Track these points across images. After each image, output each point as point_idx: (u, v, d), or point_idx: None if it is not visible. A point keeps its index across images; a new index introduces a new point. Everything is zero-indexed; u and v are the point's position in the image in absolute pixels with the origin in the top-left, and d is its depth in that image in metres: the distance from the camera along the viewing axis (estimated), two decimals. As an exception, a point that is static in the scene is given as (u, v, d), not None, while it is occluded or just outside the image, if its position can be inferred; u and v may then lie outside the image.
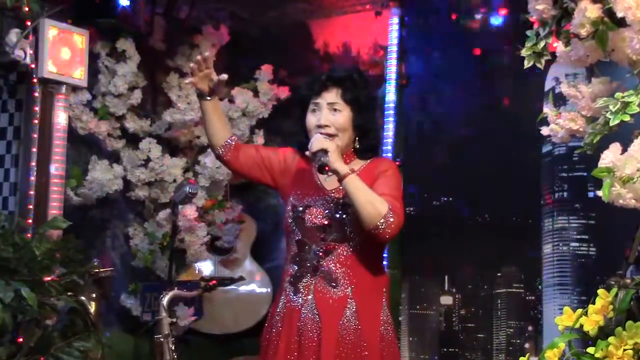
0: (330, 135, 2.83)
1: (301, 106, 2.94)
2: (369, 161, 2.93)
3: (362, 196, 2.69)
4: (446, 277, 4.65)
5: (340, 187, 2.80)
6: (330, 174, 2.75)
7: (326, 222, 2.82)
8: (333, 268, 2.81)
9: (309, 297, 2.80)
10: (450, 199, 4.68)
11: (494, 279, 4.48)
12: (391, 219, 2.68)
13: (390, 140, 4.63)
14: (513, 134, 4.32)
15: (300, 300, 2.82)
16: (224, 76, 2.95)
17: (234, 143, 2.99)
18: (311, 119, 2.87)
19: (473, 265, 4.55)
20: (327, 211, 2.83)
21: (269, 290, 5.01)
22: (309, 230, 2.85)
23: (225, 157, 2.99)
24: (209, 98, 2.97)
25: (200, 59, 2.92)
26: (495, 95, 4.55)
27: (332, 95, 2.86)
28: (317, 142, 2.74)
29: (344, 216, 2.80)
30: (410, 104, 4.80)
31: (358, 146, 2.91)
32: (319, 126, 2.83)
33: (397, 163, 4.54)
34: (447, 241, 4.61)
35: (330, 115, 2.84)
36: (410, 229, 4.59)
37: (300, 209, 2.87)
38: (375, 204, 2.68)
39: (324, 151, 2.71)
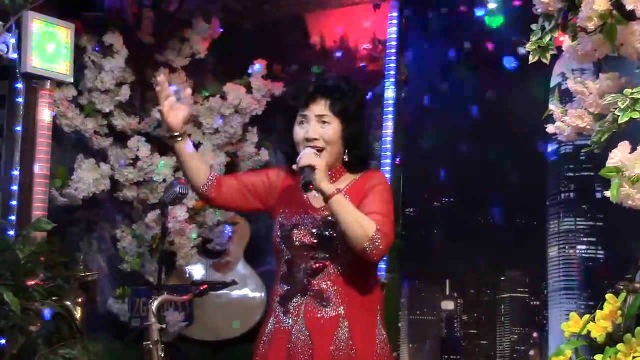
0: (319, 149, 2.82)
1: (288, 116, 2.93)
2: (359, 175, 2.92)
3: (349, 217, 2.69)
4: (447, 282, 4.65)
5: None
6: (316, 194, 2.76)
7: (315, 241, 2.82)
8: (324, 287, 2.80)
9: (300, 317, 2.80)
10: (452, 199, 4.69)
11: (497, 283, 4.48)
12: (379, 241, 2.68)
13: (389, 139, 4.63)
14: (518, 132, 4.32)
15: (290, 322, 2.81)
16: (188, 91, 2.95)
17: (215, 179, 2.97)
18: (299, 132, 2.86)
19: (476, 269, 4.55)
20: (315, 229, 2.83)
21: (263, 295, 5.01)
22: (298, 249, 2.85)
23: (210, 195, 2.97)
24: (180, 139, 2.91)
25: (161, 84, 2.87)
26: (499, 91, 4.55)
27: (320, 107, 2.84)
28: (306, 157, 2.73)
29: (334, 234, 2.80)
30: (410, 101, 4.80)
31: (347, 159, 2.90)
32: (308, 140, 2.83)
33: (399, 167, 4.55)
34: (448, 244, 4.61)
35: (319, 128, 2.83)
36: (410, 231, 4.60)
37: (289, 227, 2.87)
38: (363, 225, 2.68)
39: (312, 168, 2.70)
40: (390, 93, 4.67)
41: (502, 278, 4.47)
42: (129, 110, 4.67)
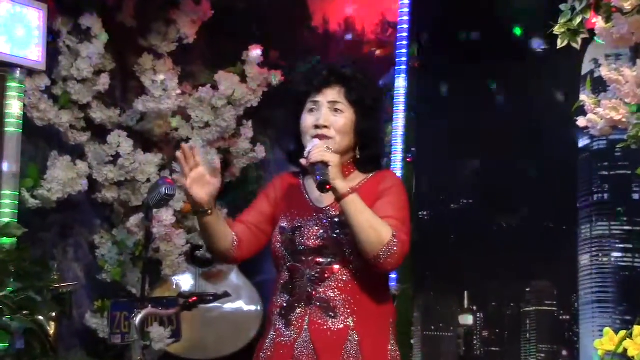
0: (328, 138, 2.82)
1: (296, 104, 2.94)
2: (370, 175, 2.93)
3: (363, 220, 2.69)
4: (466, 293, 4.64)
5: (335, 203, 2.81)
6: (321, 194, 2.77)
7: (321, 244, 2.82)
8: (331, 295, 2.80)
9: (303, 330, 2.80)
10: (471, 201, 4.69)
11: (521, 295, 4.48)
12: (395, 249, 2.69)
13: (399, 134, 4.62)
14: (545, 125, 4.32)
15: (292, 335, 2.80)
16: (217, 163, 2.82)
17: (237, 239, 2.92)
18: (308, 119, 2.87)
19: (497, 279, 4.55)
20: (321, 231, 2.83)
21: (259, 308, 5.01)
22: (301, 254, 2.84)
23: (236, 256, 2.94)
24: (210, 212, 2.81)
25: (185, 151, 2.75)
26: (525, 80, 4.54)
27: (334, 94, 2.86)
28: (317, 152, 2.73)
29: (342, 236, 2.80)
30: (423, 91, 4.79)
31: (359, 157, 2.91)
32: (317, 126, 2.83)
33: (410, 164, 4.55)
34: (467, 251, 4.61)
35: (330, 115, 2.85)
36: (424, 237, 4.59)
37: (290, 231, 2.87)
38: (378, 229, 2.69)
39: (324, 164, 2.71)
40: (401, 82, 4.67)
41: (527, 289, 4.47)
42: (108, 101, 4.67)
